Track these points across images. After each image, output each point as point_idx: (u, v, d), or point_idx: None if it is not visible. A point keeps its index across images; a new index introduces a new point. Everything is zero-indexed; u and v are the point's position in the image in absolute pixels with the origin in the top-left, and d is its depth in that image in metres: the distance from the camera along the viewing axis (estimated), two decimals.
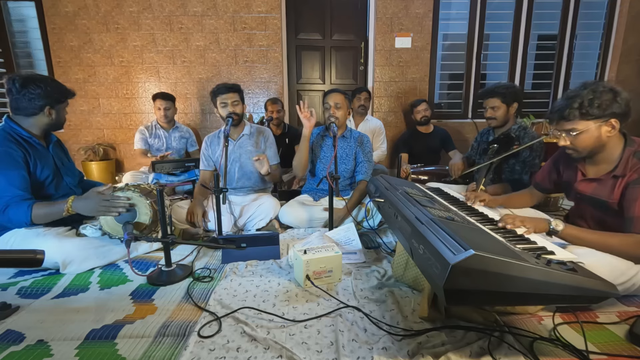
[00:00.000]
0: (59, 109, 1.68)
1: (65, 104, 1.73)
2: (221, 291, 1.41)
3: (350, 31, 3.87)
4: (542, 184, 1.69)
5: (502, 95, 2.14)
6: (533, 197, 1.77)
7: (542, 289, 0.87)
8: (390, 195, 1.43)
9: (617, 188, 1.31)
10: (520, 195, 1.80)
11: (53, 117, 1.66)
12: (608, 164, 1.36)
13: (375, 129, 3.29)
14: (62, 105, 1.70)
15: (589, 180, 1.42)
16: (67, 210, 1.54)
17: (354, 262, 1.68)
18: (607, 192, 1.34)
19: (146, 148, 3.10)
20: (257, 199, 2.24)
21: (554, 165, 1.62)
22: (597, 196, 1.38)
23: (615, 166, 1.33)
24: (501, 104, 2.15)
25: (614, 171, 1.33)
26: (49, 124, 1.68)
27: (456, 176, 2.43)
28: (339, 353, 1.03)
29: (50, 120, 1.66)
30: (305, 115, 2.05)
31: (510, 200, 1.79)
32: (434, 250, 0.89)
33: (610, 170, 1.34)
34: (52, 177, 1.67)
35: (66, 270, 1.55)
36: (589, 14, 3.80)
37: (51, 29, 3.49)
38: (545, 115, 1.51)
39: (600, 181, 1.38)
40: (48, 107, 1.63)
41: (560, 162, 1.59)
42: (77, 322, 1.20)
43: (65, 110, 1.74)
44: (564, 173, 1.57)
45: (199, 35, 3.57)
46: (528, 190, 1.78)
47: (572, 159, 1.48)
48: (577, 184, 1.47)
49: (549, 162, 1.65)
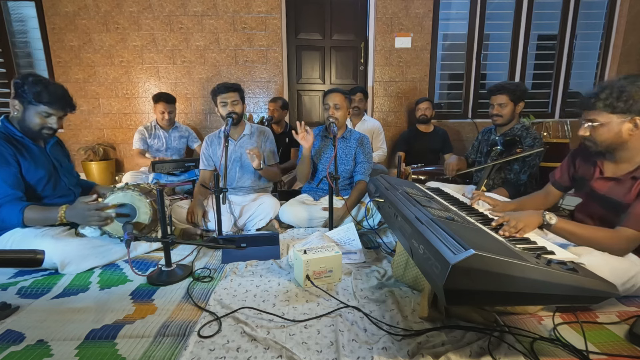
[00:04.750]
0: (27, 108, 1.58)
1: (36, 107, 1.58)
2: (221, 291, 1.41)
3: (350, 31, 3.87)
4: (561, 181, 1.62)
5: (512, 93, 2.10)
6: (549, 197, 1.67)
7: (542, 289, 0.87)
8: (390, 195, 1.43)
9: (634, 189, 1.28)
10: (533, 198, 1.70)
11: (18, 112, 1.59)
12: (629, 164, 1.32)
13: (374, 129, 3.28)
14: (33, 108, 1.58)
15: (606, 178, 1.39)
16: (61, 220, 1.55)
17: (354, 262, 1.68)
18: (623, 192, 1.31)
19: (144, 148, 3.10)
20: (257, 199, 2.24)
21: (572, 159, 1.58)
22: (610, 196, 1.35)
23: (637, 167, 1.29)
24: (509, 101, 2.12)
25: (635, 172, 1.29)
26: (18, 120, 1.60)
27: (450, 175, 2.42)
28: (339, 353, 1.03)
29: (17, 116, 1.59)
30: (302, 137, 2.04)
31: (523, 204, 1.68)
32: (434, 250, 0.89)
33: (631, 171, 1.31)
34: (47, 177, 1.67)
35: (65, 270, 1.55)
36: (589, 14, 3.80)
37: (51, 29, 3.49)
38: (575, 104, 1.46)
39: (618, 181, 1.34)
40: (15, 99, 1.57)
41: (577, 156, 1.55)
42: (77, 322, 1.20)
43: (37, 116, 1.59)
44: (580, 168, 1.52)
45: (199, 35, 3.58)
46: (543, 191, 1.69)
47: (592, 154, 1.44)
48: (593, 181, 1.43)
49: (567, 158, 1.60)
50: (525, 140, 2.09)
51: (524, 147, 2.08)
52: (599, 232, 1.27)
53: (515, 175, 2.13)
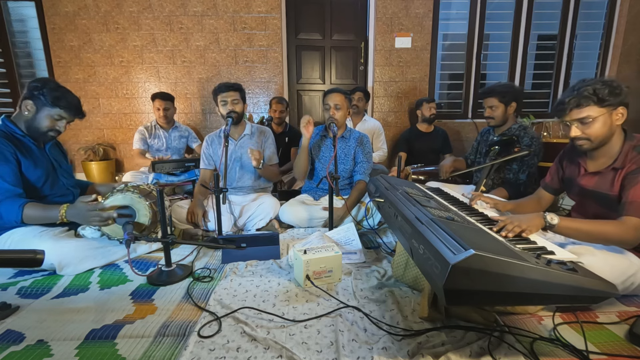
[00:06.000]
0: (40, 110, 1.61)
1: (52, 110, 1.61)
2: (221, 291, 1.41)
3: (350, 31, 3.87)
4: (551, 184, 1.66)
5: (500, 95, 2.14)
6: (541, 201, 1.70)
7: (542, 289, 0.87)
8: (390, 195, 1.43)
9: (617, 180, 1.32)
10: (528, 202, 1.71)
11: (29, 112, 1.60)
12: (608, 158, 1.37)
13: (374, 130, 3.29)
14: (47, 110, 1.61)
15: (590, 174, 1.43)
16: (62, 219, 1.54)
17: (354, 262, 1.68)
18: (608, 184, 1.35)
19: (144, 148, 3.10)
20: (257, 199, 2.24)
21: (559, 162, 1.63)
22: (598, 189, 1.39)
23: (614, 159, 1.35)
24: (499, 103, 2.16)
25: (614, 164, 1.34)
26: (27, 120, 1.61)
27: (444, 177, 2.43)
28: (339, 353, 1.03)
29: (27, 115, 1.60)
30: (305, 126, 2.08)
31: (521, 206, 1.71)
32: (434, 250, 0.89)
33: (610, 164, 1.36)
34: (45, 176, 1.67)
35: (62, 272, 1.55)
36: (589, 14, 3.80)
37: (51, 29, 3.49)
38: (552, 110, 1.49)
39: (601, 174, 1.39)
40: (28, 101, 1.59)
41: (563, 158, 1.60)
42: (77, 322, 1.20)
43: (48, 119, 1.62)
44: (567, 169, 1.57)
45: (199, 35, 3.58)
46: (535, 196, 1.72)
47: (575, 155, 1.49)
48: (579, 179, 1.47)
49: (555, 161, 1.65)
50: (523, 139, 2.10)
51: (522, 146, 2.09)
52: (605, 225, 1.26)
53: (515, 175, 2.14)
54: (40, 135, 1.66)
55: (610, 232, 1.24)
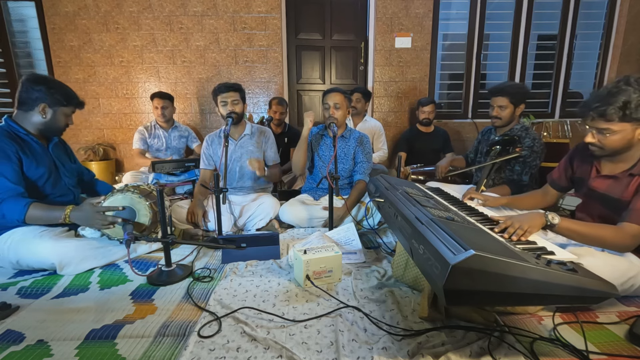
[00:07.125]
0: (55, 110, 1.64)
1: (66, 109, 1.67)
2: (221, 291, 1.41)
3: (350, 31, 3.87)
4: (559, 182, 1.64)
5: (512, 96, 2.10)
6: (546, 196, 1.69)
7: (542, 289, 0.87)
8: (390, 195, 1.43)
9: (632, 185, 1.30)
10: (530, 196, 1.71)
11: (47, 117, 1.62)
12: (626, 163, 1.35)
13: (375, 130, 3.29)
14: (61, 109, 1.65)
15: (603, 177, 1.41)
16: (65, 220, 1.55)
17: (354, 262, 1.68)
18: (621, 189, 1.34)
19: (144, 148, 3.11)
20: (257, 199, 2.24)
21: (569, 161, 1.60)
22: (610, 193, 1.38)
23: (633, 165, 1.32)
24: (509, 104, 2.11)
25: (632, 169, 1.32)
26: (43, 123, 1.64)
27: (440, 176, 2.43)
28: (339, 353, 1.03)
29: (43, 119, 1.62)
30: (310, 116, 2.12)
31: (519, 201, 1.70)
32: (434, 251, 0.89)
33: (627, 169, 1.33)
34: (47, 175, 1.66)
35: (63, 271, 1.55)
36: (589, 14, 3.80)
37: (51, 29, 3.49)
38: (577, 107, 1.43)
39: (616, 179, 1.37)
40: (43, 104, 1.61)
41: (575, 157, 1.57)
42: (77, 322, 1.20)
43: (64, 117, 1.68)
44: (578, 169, 1.55)
45: (199, 35, 3.57)
46: (541, 190, 1.71)
47: (588, 155, 1.46)
48: (591, 180, 1.45)
49: (565, 159, 1.62)
50: (525, 140, 2.10)
51: (523, 147, 2.08)
52: (603, 229, 1.26)
53: (518, 176, 2.13)
54: (58, 133, 1.74)
55: (606, 236, 1.24)
